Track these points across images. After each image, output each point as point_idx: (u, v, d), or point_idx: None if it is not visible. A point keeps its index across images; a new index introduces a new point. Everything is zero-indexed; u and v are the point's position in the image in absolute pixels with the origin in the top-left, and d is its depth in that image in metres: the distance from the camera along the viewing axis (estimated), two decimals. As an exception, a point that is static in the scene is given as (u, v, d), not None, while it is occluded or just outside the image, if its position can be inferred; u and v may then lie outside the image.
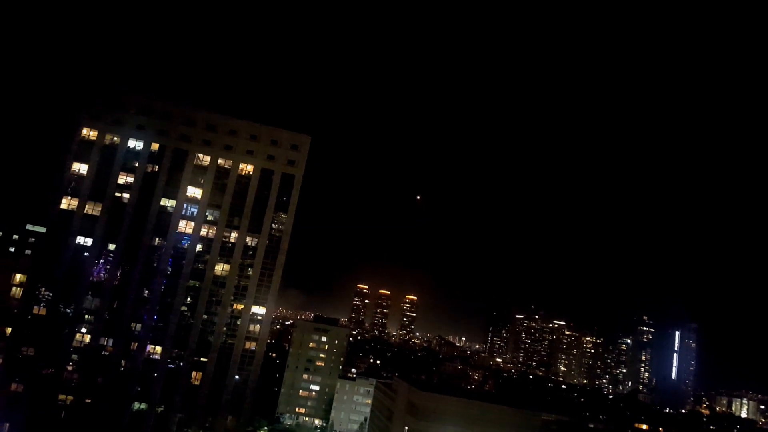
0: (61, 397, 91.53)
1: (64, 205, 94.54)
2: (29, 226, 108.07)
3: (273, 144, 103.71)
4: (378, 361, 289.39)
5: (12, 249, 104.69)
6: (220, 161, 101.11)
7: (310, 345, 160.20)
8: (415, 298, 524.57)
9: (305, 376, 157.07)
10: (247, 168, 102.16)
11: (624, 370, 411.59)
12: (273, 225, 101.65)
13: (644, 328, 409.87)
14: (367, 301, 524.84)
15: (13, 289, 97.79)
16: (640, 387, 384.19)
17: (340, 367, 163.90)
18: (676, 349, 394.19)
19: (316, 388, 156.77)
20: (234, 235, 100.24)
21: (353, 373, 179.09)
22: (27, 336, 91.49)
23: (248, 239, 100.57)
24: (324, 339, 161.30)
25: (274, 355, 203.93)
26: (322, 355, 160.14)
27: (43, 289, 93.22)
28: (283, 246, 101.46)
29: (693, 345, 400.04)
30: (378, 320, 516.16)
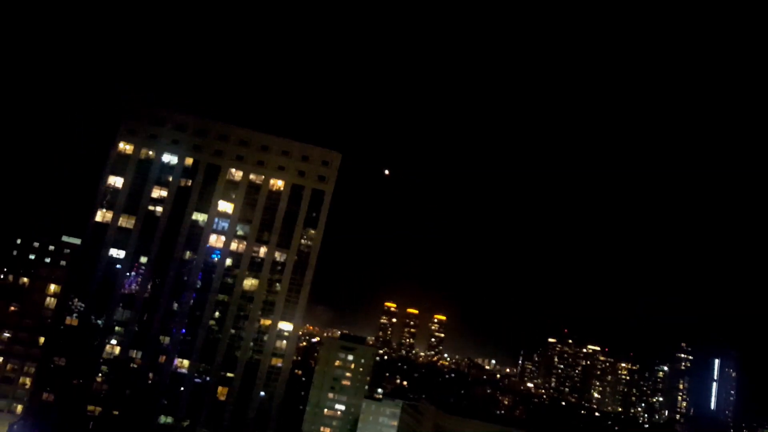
0: (90, 408, 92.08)
1: (99, 218, 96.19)
2: (65, 238, 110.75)
3: (304, 160, 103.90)
4: (405, 382, 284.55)
5: (48, 260, 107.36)
6: (251, 176, 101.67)
7: (336, 363, 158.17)
8: (444, 318, 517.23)
9: (330, 395, 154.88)
10: (278, 183, 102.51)
11: (660, 399, 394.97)
12: (302, 241, 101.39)
13: (682, 355, 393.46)
14: (394, 320, 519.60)
15: (48, 299, 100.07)
16: (677, 416, 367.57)
17: (366, 386, 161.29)
18: (715, 377, 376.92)
19: (342, 407, 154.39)
20: (263, 250, 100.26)
21: (379, 394, 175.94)
22: (59, 346, 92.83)
23: (277, 254, 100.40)
24: (350, 357, 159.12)
25: (299, 372, 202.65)
26: (348, 374, 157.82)
27: (76, 299, 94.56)
28: (311, 262, 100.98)
29: (733, 374, 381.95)
30: (405, 340, 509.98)
